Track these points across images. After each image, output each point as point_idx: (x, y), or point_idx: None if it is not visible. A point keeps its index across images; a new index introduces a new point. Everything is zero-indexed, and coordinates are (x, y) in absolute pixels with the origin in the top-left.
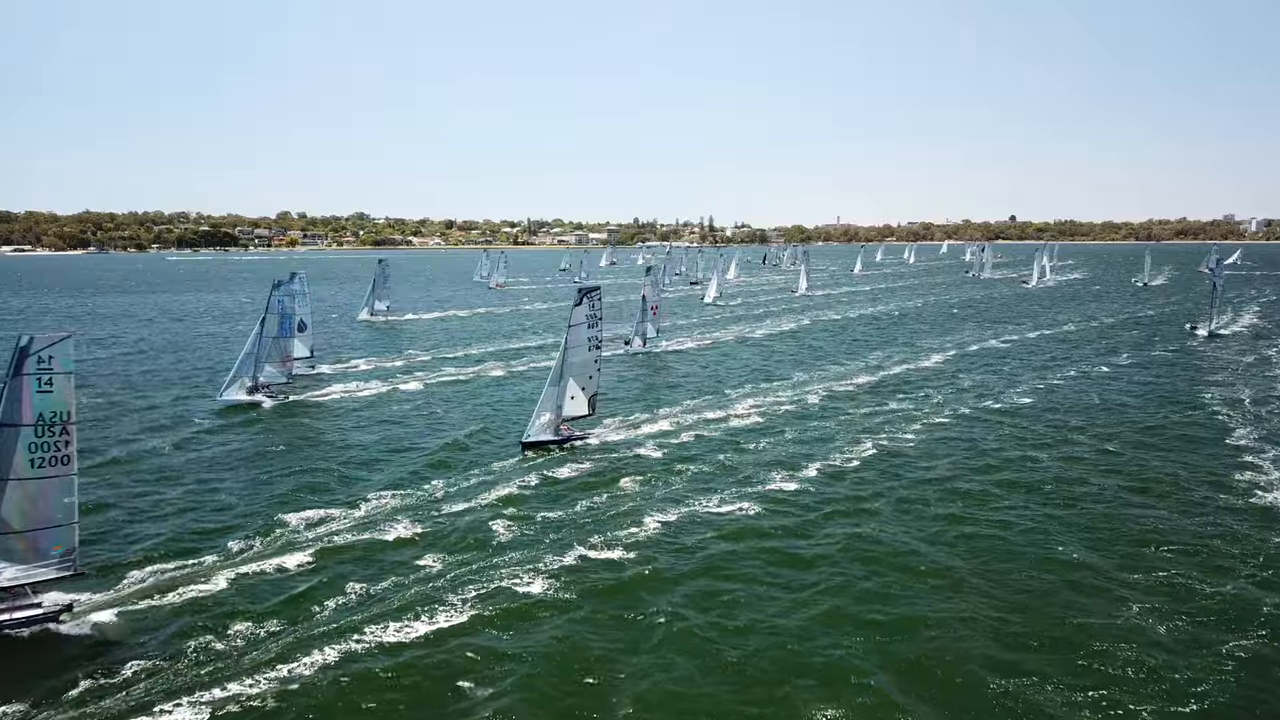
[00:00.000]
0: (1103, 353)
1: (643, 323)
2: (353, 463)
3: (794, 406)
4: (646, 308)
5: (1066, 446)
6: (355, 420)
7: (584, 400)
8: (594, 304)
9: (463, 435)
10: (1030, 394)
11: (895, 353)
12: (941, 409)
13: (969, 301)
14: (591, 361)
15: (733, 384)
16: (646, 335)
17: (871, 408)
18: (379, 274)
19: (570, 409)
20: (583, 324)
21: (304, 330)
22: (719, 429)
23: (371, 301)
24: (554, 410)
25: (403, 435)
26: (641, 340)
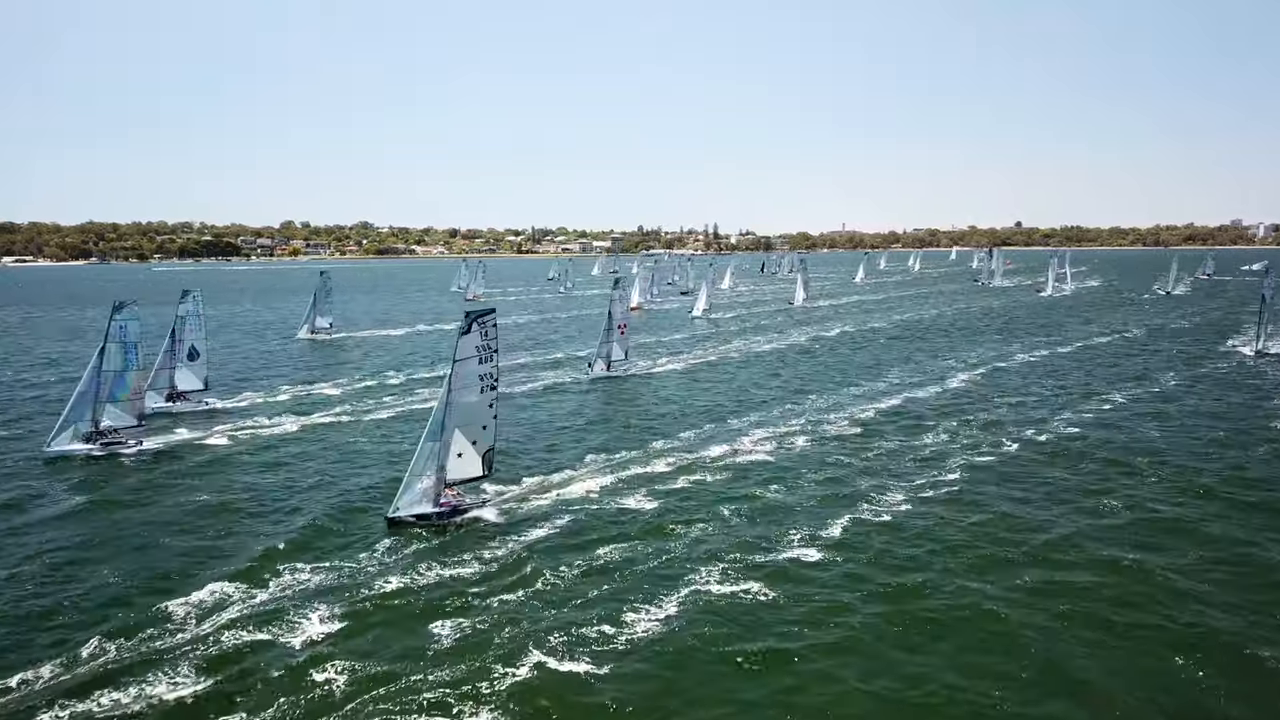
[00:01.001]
0: (1147, 372)
1: (607, 343)
2: (169, 554)
3: (797, 444)
4: (613, 326)
5: (1146, 491)
6: (210, 480)
7: (475, 457)
8: (487, 332)
9: (341, 502)
10: (1079, 423)
11: (912, 372)
12: (981, 443)
13: (986, 311)
14: (485, 406)
15: (713, 417)
16: (611, 358)
17: (895, 443)
18: (320, 287)
19: (457, 469)
20: (472, 358)
21: (195, 359)
22: (689, 481)
23: (312, 318)
24: (434, 473)
25: (263, 500)
26: (605, 363)
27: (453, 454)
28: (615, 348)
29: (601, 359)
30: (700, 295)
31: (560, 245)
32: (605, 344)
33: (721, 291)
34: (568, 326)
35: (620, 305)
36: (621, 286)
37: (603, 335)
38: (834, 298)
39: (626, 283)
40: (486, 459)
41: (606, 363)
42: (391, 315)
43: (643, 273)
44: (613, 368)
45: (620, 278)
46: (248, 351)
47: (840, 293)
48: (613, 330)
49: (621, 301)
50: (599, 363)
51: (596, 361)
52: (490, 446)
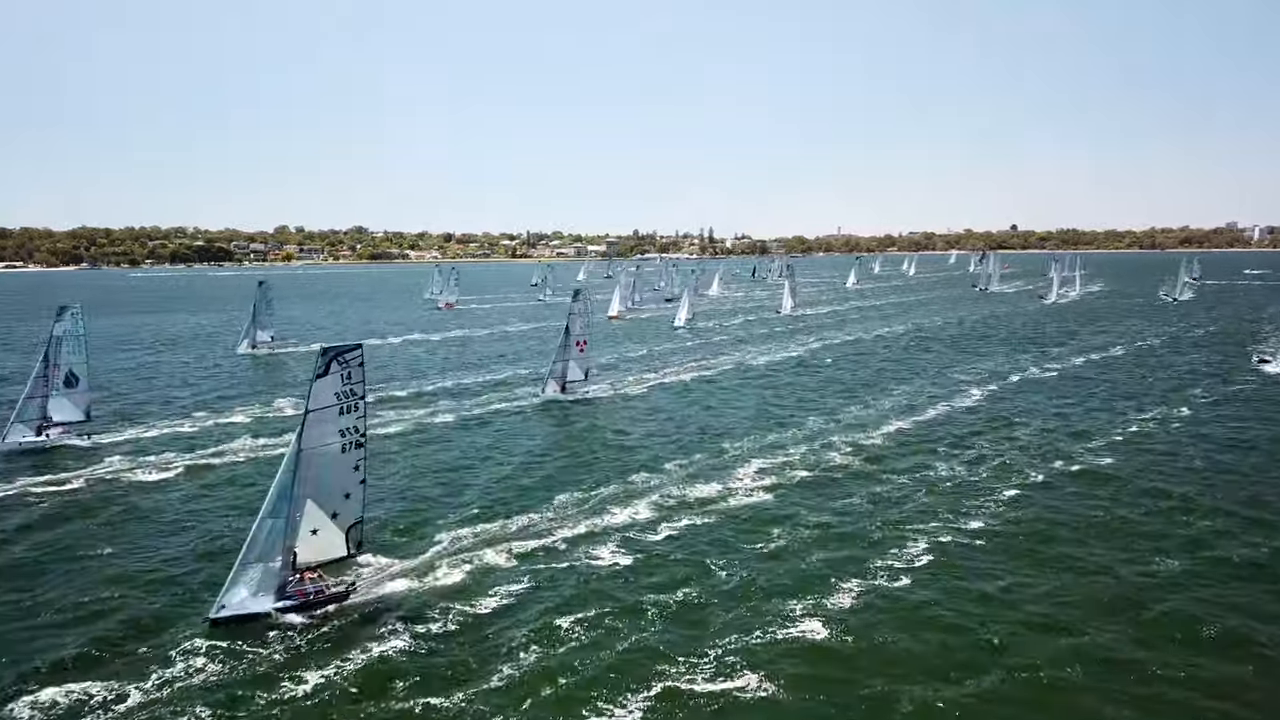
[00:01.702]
0: (1171, 388)
1: (562, 361)
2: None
3: (795, 478)
4: (570, 342)
5: (1205, 532)
6: (16, 548)
7: (337, 533)
8: (350, 374)
9: (171, 590)
10: (1109, 449)
11: (917, 391)
12: (1004, 478)
13: (989, 320)
14: (349, 469)
15: (684, 448)
16: (567, 378)
17: (906, 477)
18: (259, 298)
19: (311, 550)
20: (330, 407)
21: (75, 385)
22: (655, 535)
23: (252, 331)
24: (278, 557)
25: (75, 582)
26: (558, 384)
27: (304, 531)
28: (572, 366)
29: (554, 379)
30: (683, 303)
31: (555, 250)
32: (560, 362)
33: (709, 298)
34: (532, 339)
35: (580, 320)
36: (582, 299)
37: (557, 352)
38: (824, 305)
39: (587, 295)
40: (352, 535)
41: (560, 383)
42: (349, 326)
43: (624, 279)
44: (569, 389)
45: (580, 289)
46: (175, 369)
47: (831, 299)
48: (569, 347)
49: (582, 315)
50: (551, 384)
51: (548, 382)
52: (357, 520)
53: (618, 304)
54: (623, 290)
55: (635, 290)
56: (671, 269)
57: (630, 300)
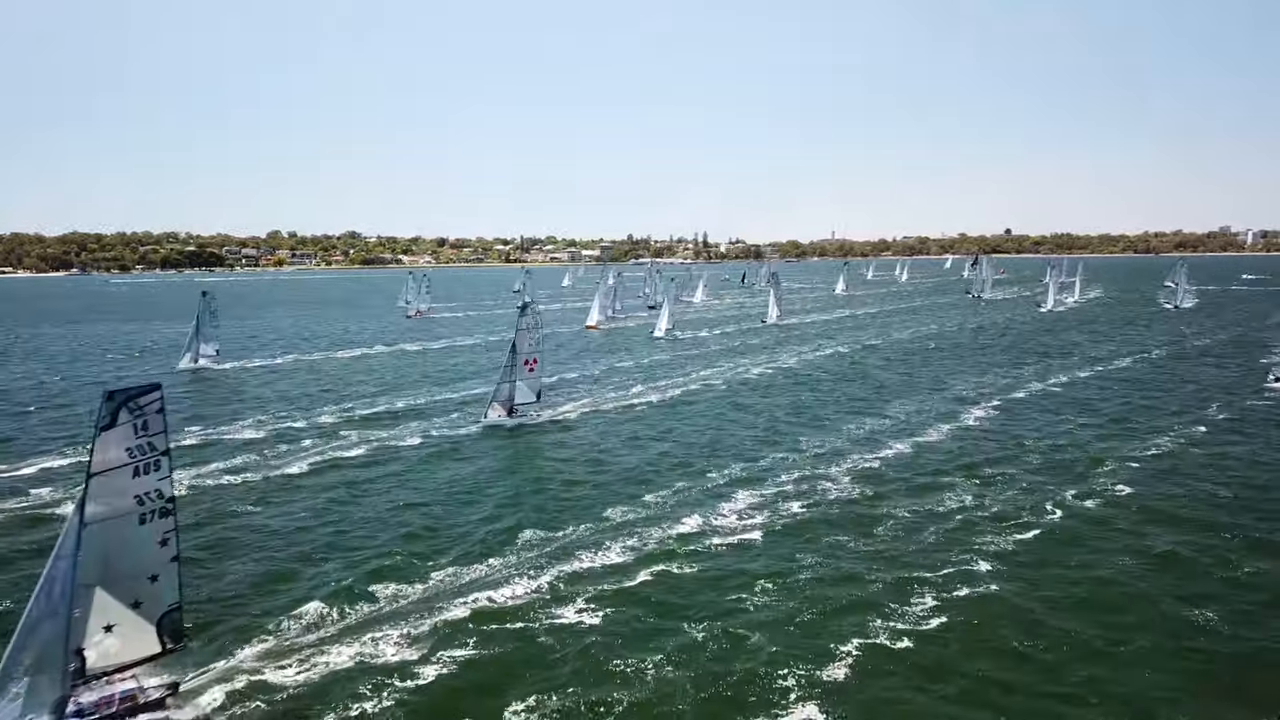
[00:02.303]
0: (1184, 406)
1: (508, 382)
2: None
3: (788, 511)
4: (517, 361)
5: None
6: None
7: (145, 625)
8: (146, 423)
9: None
10: (1130, 479)
11: (914, 410)
12: (1016, 510)
13: (985, 329)
14: (153, 544)
15: (648, 481)
16: (515, 402)
17: (908, 511)
18: (203, 309)
19: (108, 651)
20: (121, 468)
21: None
22: (612, 591)
23: (195, 345)
24: (56, 667)
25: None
26: (504, 408)
27: (92, 628)
28: (521, 388)
29: (499, 402)
30: (663, 312)
31: (549, 255)
32: (506, 383)
33: (693, 306)
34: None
35: (528, 336)
36: (531, 313)
37: (503, 372)
38: (812, 313)
39: (535, 309)
40: (166, 626)
41: (507, 407)
42: (309, 337)
43: (603, 286)
44: (516, 413)
45: (528, 302)
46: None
47: (819, 307)
48: (517, 367)
49: (530, 331)
50: (495, 407)
51: (491, 406)
52: (172, 605)
53: (596, 313)
54: (602, 298)
55: (616, 298)
56: (655, 275)
57: (611, 308)
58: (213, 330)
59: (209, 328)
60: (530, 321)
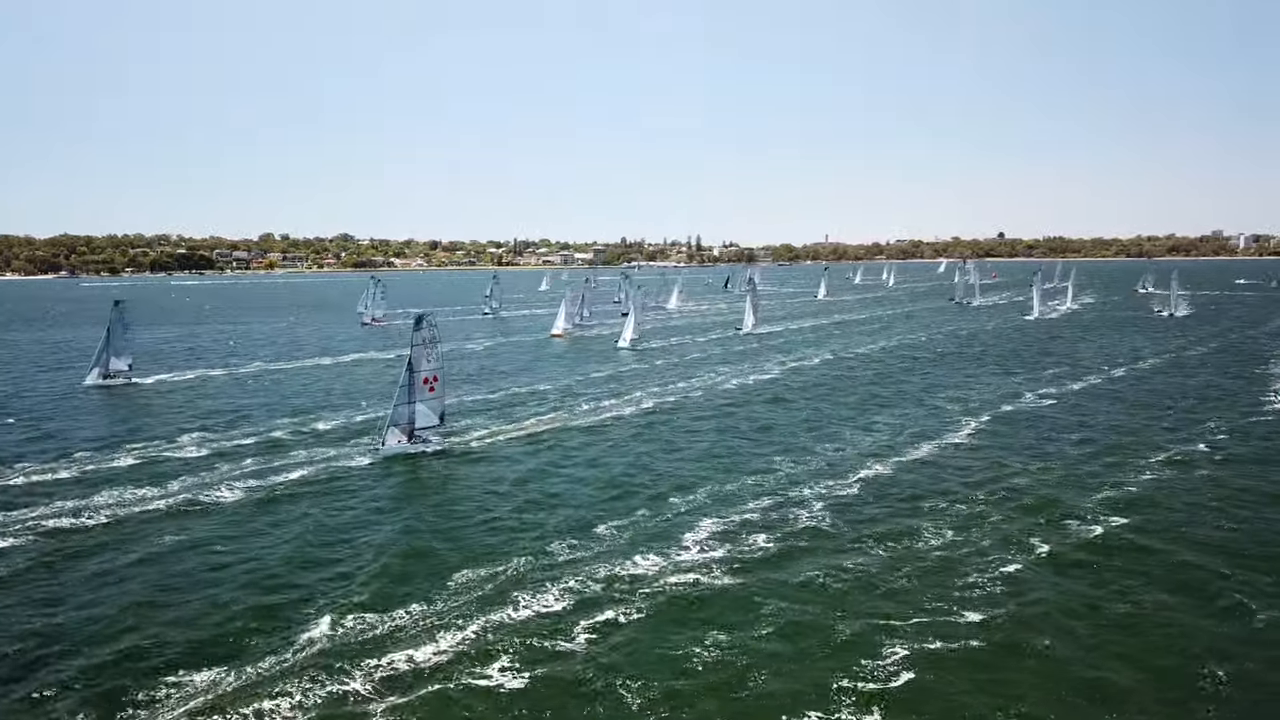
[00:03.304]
0: (1182, 423)
1: (407, 404)
2: None
3: (753, 545)
4: (415, 381)
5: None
6: None
7: None
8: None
9: None
10: (1125, 506)
11: (896, 429)
12: (1002, 545)
13: (967, 339)
14: None
15: (577, 518)
16: (415, 424)
17: (887, 546)
18: (114, 319)
19: None
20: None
21: None
22: (536, 651)
23: (104, 358)
24: None
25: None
26: (403, 434)
27: None
28: (421, 410)
29: (397, 428)
30: (628, 321)
31: (542, 257)
32: (404, 405)
33: (666, 312)
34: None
35: (427, 352)
36: (426, 325)
37: (399, 393)
38: (793, 319)
39: (432, 321)
40: None
41: (407, 432)
42: (249, 346)
43: (570, 292)
44: (418, 439)
45: (422, 315)
46: None
47: (800, 314)
48: (415, 387)
49: (428, 346)
50: (392, 433)
51: (388, 431)
52: None
53: (562, 320)
54: (569, 305)
55: (584, 304)
56: (626, 280)
57: (579, 315)
58: (125, 342)
59: (120, 340)
60: (427, 335)
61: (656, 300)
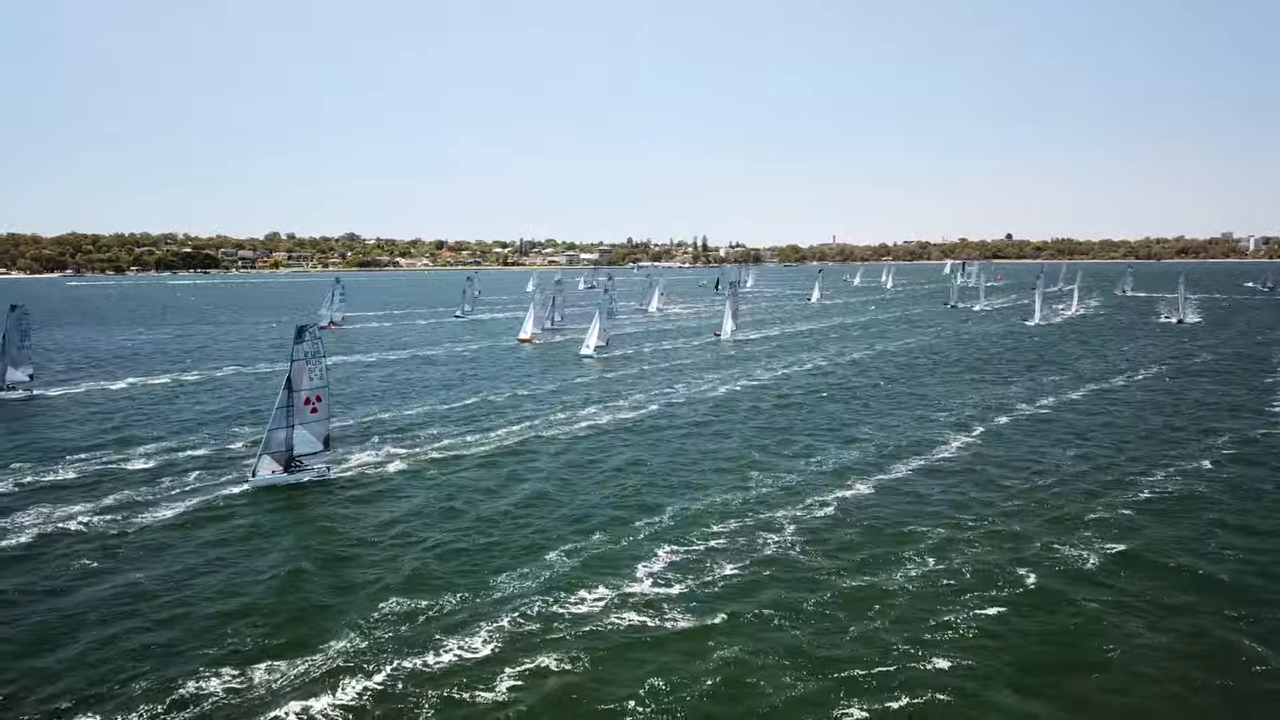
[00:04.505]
0: (1189, 435)
1: (284, 428)
2: None
3: (685, 599)
4: (293, 401)
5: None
6: None
7: None
8: None
9: None
10: (1122, 533)
11: (881, 444)
12: (987, 579)
13: (964, 346)
14: None
15: (489, 560)
16: (295, 450)
17: (864, 576)
18: (10, 326)
19: None
20: None
21: None
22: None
23: (2, 369)
24: None
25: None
26: (278, 462)
27: None
28: (301, 434)
29: (271, 455)
30: (592, 326)
31: (548, 258)
32: (280, 428)
33: (646, 316)
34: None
35: (308, 367)
36: (309, 337)
37: (275, 415)
38: (777, 325)
39: (314, 333)
40: None
41: (283, 460)
42: (172, 352)
43: (539, 295)
44: (297, 467)
45: (305, 326)
46: None
47: (787, 319)
48: (294, 408)
49: (311, 361)
50: (265, 462)
51: (261, 459)
52: None
53: (531, 324)
54: (538, 308)
55: (556, 308)
56: (606, 280)
57: (551, 319)
58: (23, 351)
59: (17, 349)
60: (310, 349)
61: (640, 303)
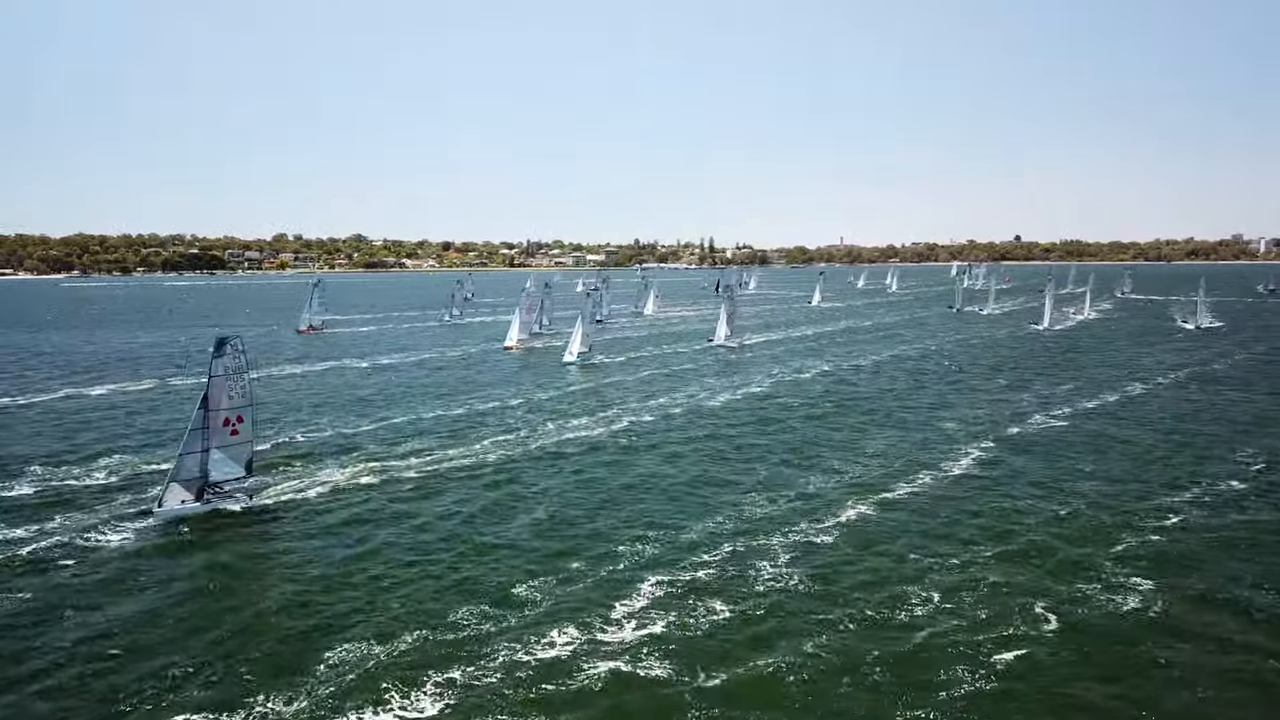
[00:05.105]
0: (1216, 450)
1: (196, 453)
2: None
3: (664, 640)
4: (210, 422)
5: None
6: None
7: None
8: None
9: None
10: (1150, 563)
11: (881, 460)
12: (1001, 617)
13: (979, 349)
14: None
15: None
16: (210, 477)
17: (853, 620)
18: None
19: None
20: None
21: None
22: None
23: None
24: None
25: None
26: (193, 491)
27: None
28: (218, 459)
29: (181, 483)
30: (575, 332)
31: (554, 259)
32: (194, 453)
33: (642, 319)
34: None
35: (227, 384)
36: (231, 350)
37: (188, 437)
38: (773, 330)
39: (235, 345)
40: None
41: (196, 488)
42: (119, 360)
43: (524, 299)
44: (212, 495)
45: (227, 338)
46: None
47: (787, 323)
48: (211, 429)
49: (232, 377)
50: (174, 490)
51: (170, 488)
52: None
53: (516, 330)
54: (525, 313)
55: (545, 312)
56: (599, 282)
57: (539, 323)
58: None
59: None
60: (231, 364)
61: (635, 305)
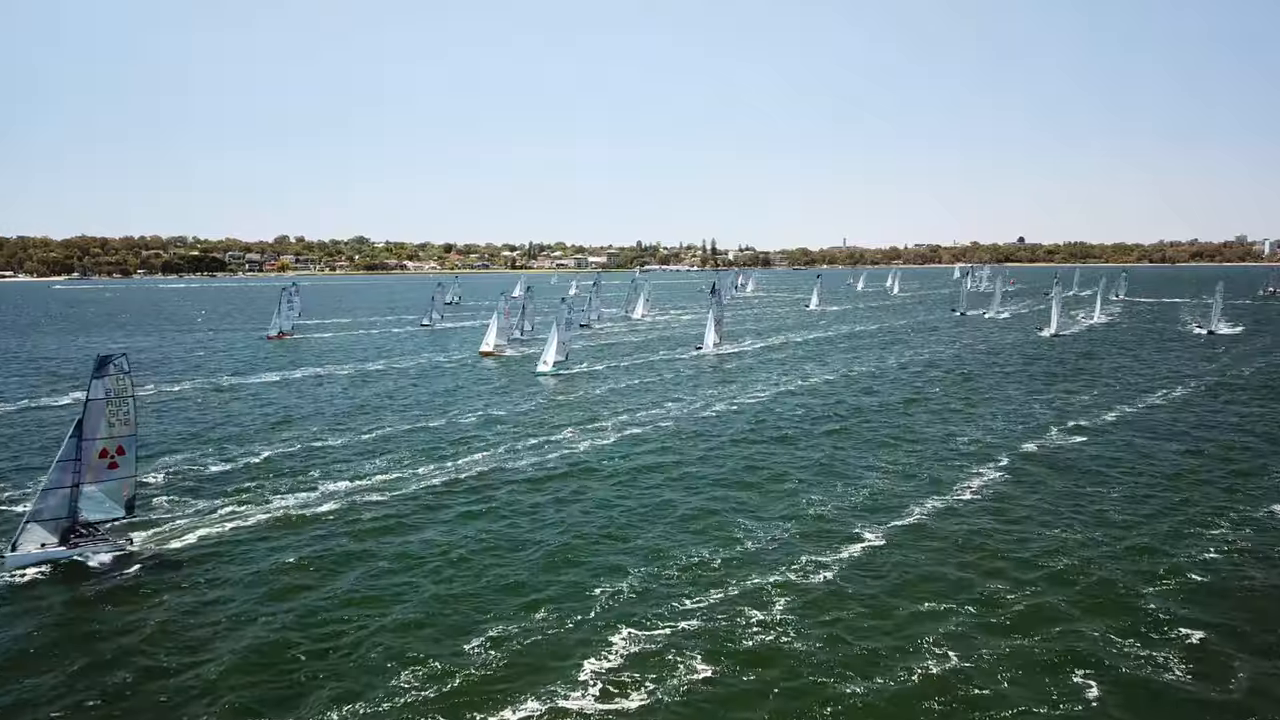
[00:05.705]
0: (1247, 471)
1: (61, 489)
2: None
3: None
4: (82, 453)
5: None
6: None
7: None
8: None
9: None
10: (1198, 603)
11: (883, 478)
12: (1029, 688)
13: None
14: None
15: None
16: (80, 515)
17: (858, 682)
18: None
19: None
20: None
21: None
22: None
23: None
24: None
25: None
26: (56, 535)
27: None
28: (91, 495)
29: (42, 524)
30: (550, 340)
31: (556, 261)
32: (59, 489)
33: (630, 323)
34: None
35: (105, 409)
36: (114, 371)
37: (54, 471)
38: (768, 335)
39: (114, 365)
40: None
41: (60, 530)
42: (69, 365)
43: (503, 303)
44: (80, 539)
45: (110, 357)
46: None
47: (782, 327)
48: (84, 461)
49: (115, 402)
50: (32, 532)
51: (26, 530)
52: None
53: (494, 336)
54: (503, 318)
55: (526, 317)
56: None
57: (518, 329)
58: None
59: None
60: (113, 386)
61: (625, 309)
